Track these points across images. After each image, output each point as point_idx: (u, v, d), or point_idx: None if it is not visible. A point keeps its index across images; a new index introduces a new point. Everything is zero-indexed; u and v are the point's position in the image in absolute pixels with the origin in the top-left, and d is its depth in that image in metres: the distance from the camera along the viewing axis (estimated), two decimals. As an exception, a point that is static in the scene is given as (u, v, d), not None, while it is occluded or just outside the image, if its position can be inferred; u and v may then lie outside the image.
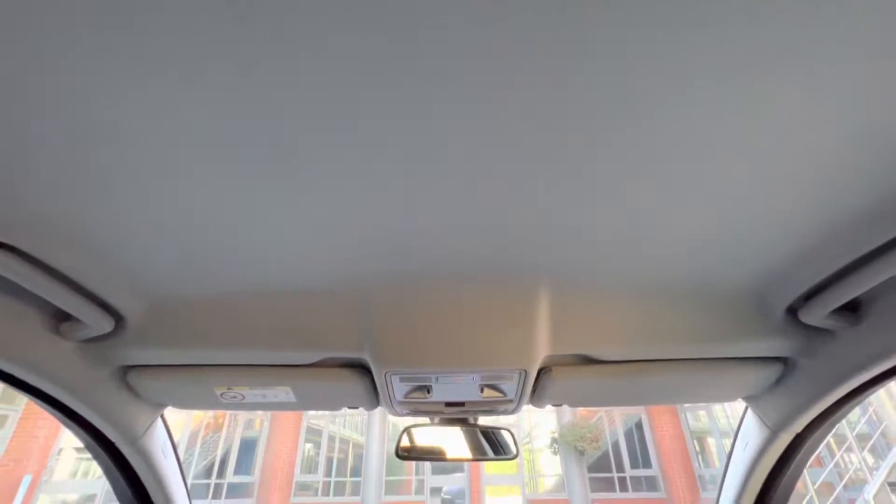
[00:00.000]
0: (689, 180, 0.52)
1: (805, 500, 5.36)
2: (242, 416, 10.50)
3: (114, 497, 1.21)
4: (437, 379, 0.86)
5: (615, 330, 0.80)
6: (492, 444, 1.18)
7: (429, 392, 0.91)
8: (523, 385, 0.88)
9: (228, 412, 10.36)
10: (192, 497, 1.32)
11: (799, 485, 1.30)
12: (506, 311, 0.75)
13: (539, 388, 0.93)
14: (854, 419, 5.83)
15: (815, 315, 0.71)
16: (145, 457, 1.06)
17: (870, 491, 4.37)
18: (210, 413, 10.30)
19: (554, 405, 1.04)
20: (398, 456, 1.14)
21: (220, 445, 9.99)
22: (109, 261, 0.65)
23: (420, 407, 1.01)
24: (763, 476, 1.13)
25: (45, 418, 8.22)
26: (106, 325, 0.73)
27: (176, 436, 1.20)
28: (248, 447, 10.29)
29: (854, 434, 5.26)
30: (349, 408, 1.03)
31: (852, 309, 0.70)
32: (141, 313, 0.76)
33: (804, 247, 0.63)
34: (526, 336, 0.77)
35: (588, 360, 0.88)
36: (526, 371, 0.83)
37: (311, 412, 10.79)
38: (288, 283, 0.71)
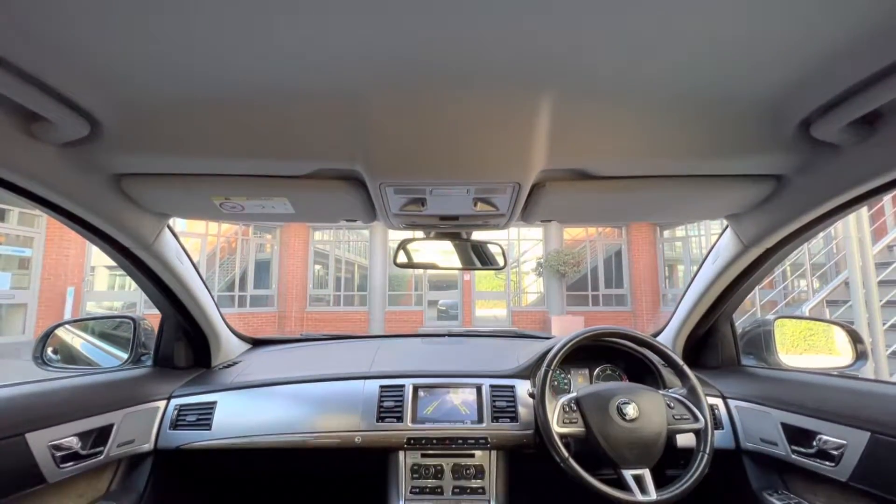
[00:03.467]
0: None
1: (749, 313, 6.19)
2: (253, 240, 11.27)
3: (152, 304, 1.37)
4: (431, 192, 0.87)
5: (615, 143, 0.77)
6: (482, 256, 1.28)
7: (423, 205, 0.94)
8: (516, 199, 0.90)
9: (239, 238, 11.10)
10: (221, 306, 1.50)
11: (746, 302, 1.46)
12: (503, 121, 0.71)
13: (531, 204, 0.95)
14: (816, 250, 6.34)
15: (830, 128, 0.67)
16: (162, 261, 1.16)
17: (807, 306, 5.06)
18: (222, 237, 11.02)
19: (543, 221, 1.08)
20: (396, 264, 1.25)
21: (237, 265, 10.99)
22: (69, 55, 0.57)
23: (415, 220, 1.06)
24: (724, 285, 1.26)
25: (70, 239, 8.80)
26: (80, 127, 0.69)
27: (194, 258, 1.30)
28: (262, 267, 11.36)
29: (810, 262, 5.78)
30: (347, 220, 1.07)
31: (868, 121, 0.67)
32: (116, 116, 0.71)
33: (829, 54, 0.56)
34: (522, 148, 0.75)
35: (582, 176, 0.88)
36: (520, 185, 0.84)
37: (317, 237, 11.62)
38: (276, 86, 0.64)
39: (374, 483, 1.28)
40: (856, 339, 1.31)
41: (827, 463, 0.96)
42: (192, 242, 10.30)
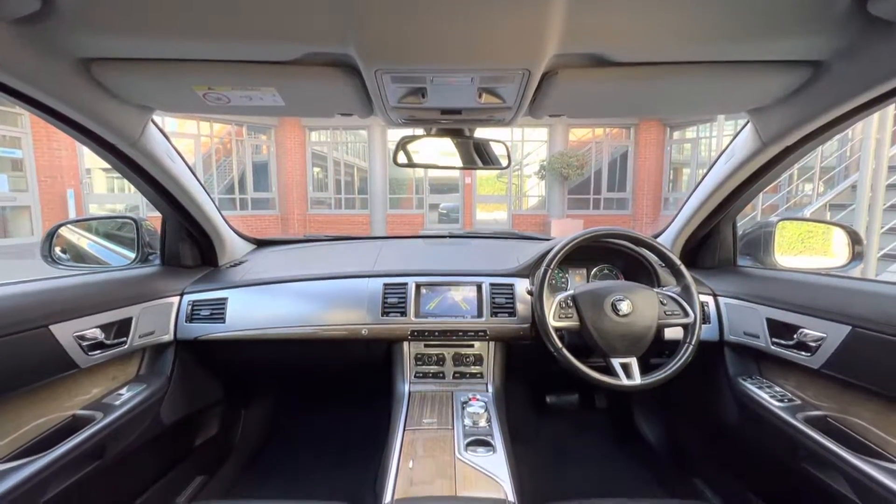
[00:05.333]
0: None
1: (749, 217, 6.21)
2: (248, 141, 10.89)
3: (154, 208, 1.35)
4: (432, 80, 0.80)
5: (639, 23, 0.68)
6: (484, 155, 1.23)
7: (423, 96, 0.87)
8: (524, 89, 0.83)
9: (234, 139, 10.69)
10: (223, 209, 1.49)
11: (748, 206, 1.44)
12: None
13: (540, 95, 0.88)
14: (828, 153, 6.11)
15: (889, 2, 0.59)
16: (152, 159, 1.12)
17: (809, 209, 5.05)
18: (215, 139, 10.63)
19: (552, 115, 1.01)
20: (396, 163, 1.20)
21: (235, 168, 10.77)
22: None
23: (415, 114, 0.99)
24: (734, 185, 1.23)
25: (59, 139, 8.48)
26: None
27: (189, 160, 1.25)
28: (260, 169, 11.15)
29: (820, 166, 5.61)
30: (342, 114, 1.00)
31: None
32: None
33: None
34: (534, 29, 0.66)
35: (599, 63, 0.79)
36: (529, 72, 0.76)
37: (314, 138, 11.21)
38: None
39: (380, 370, 1.40)
40: (855, 240, 1.32)
41: (803, 353, 1.03)
42: (185, 143, 9.97)
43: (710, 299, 1.32)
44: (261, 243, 1.81)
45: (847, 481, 0.87)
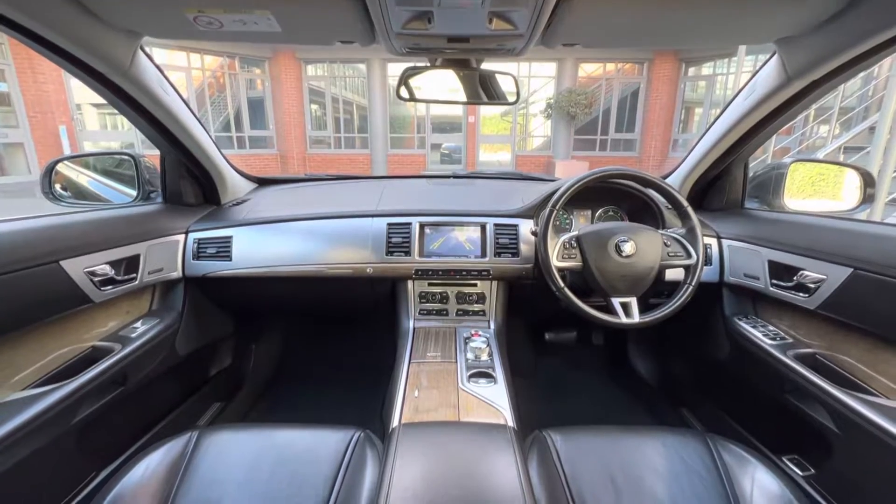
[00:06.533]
0: None
1: (759, 160, 6.05)
2: (241, 75, 10.38)
3: (151, 146, 1.31)
4: (439, 2, 0.74)
5: None
6: (490, 90, 1.17)
7: (430, 21, 0.81)
8: (539, 13, 0.77)
9: (226, 72, 10.17)
10: (220, 147, 1.44)
11: (758, 151, 1.39)
12: None
13: (555, 21, 0.82)
14: (848, 93, 5.81)
15: None
16: (144, 90, 1.07)
17: (822, 152, 4.90)
18: (207, 71, 10.11)
19: (566, 45, 0.95)
20: (399, 97, 1.15)
21: (229, 104, 10.35)
22: None
23: (420, 42, 0.93)
24: (752, 123, 1.18)
25: (43, 71, 8.07)
26: None
27: (182, 94, 1.19)
28: (255, 106, 10.72)
29: (840, 105, 5.36)
30: (342, 42, 0.94)
31: None
32: None
33: None
34: None
35: None
36: None
37: (310, 73, 10.67)
38: None
39: (386, 307, 1.44)
40: (868, 182, 1.28)
41: (801, 294, 1.05)
42: (177, 77, 9.51)
43: (713, 241, 1.33)
44: (262, 182, 1.78)
45: (829, 413, 0.92)
